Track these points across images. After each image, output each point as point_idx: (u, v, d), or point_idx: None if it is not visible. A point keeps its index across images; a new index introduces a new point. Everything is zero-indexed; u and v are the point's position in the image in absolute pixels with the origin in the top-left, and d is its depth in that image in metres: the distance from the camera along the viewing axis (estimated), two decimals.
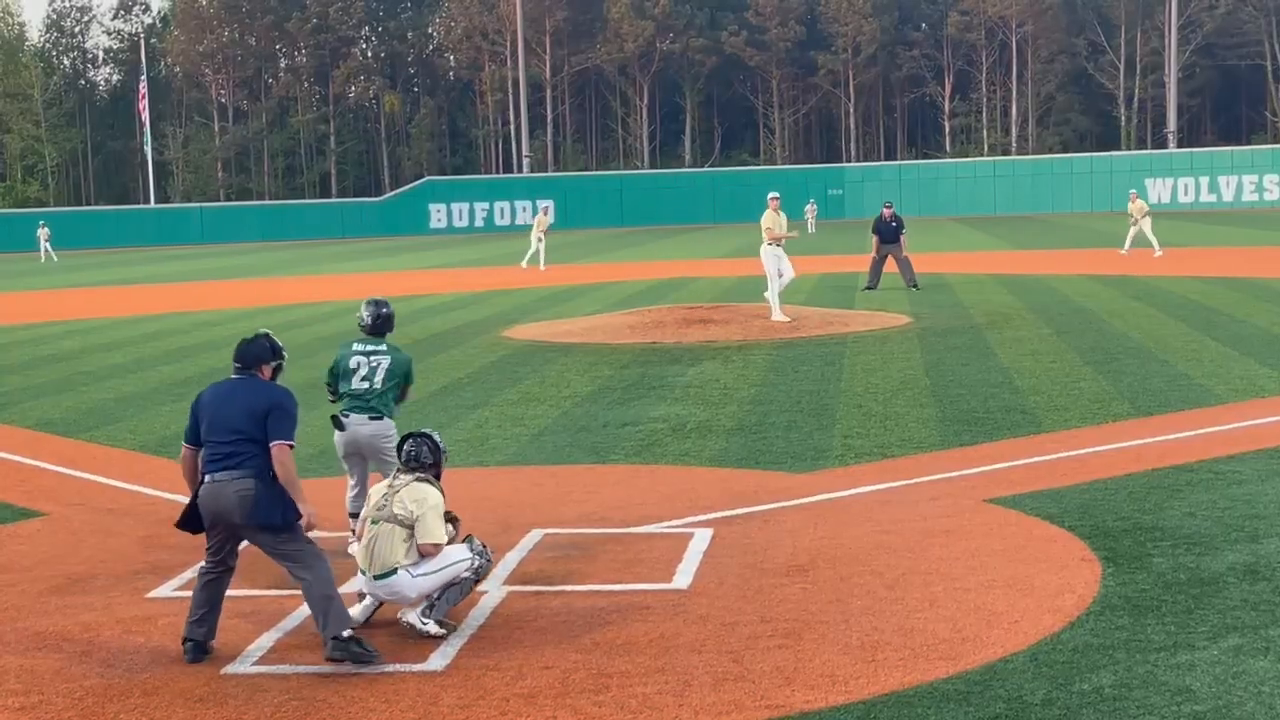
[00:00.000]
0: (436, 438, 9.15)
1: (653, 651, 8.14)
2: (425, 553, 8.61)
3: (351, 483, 10.69)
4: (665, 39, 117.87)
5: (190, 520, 8.41)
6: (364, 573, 8.73)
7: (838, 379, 18.84)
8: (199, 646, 8.25)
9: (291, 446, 8.24)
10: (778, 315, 25.05)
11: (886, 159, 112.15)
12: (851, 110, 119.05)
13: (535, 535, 10.94)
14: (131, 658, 8.35)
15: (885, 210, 34.08)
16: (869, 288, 32.58)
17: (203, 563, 8.48)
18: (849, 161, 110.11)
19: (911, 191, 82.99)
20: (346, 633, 8.05)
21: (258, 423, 8.22)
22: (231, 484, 8.17)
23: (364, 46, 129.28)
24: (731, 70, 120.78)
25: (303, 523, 8.29)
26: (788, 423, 15.65)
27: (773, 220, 26.10)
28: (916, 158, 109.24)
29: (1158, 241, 42.22)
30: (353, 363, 10.39)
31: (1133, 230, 42.76)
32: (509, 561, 10.22)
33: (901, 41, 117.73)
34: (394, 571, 8.58)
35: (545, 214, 52.49)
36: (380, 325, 10.54)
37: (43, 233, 67.03)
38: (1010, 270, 38.21)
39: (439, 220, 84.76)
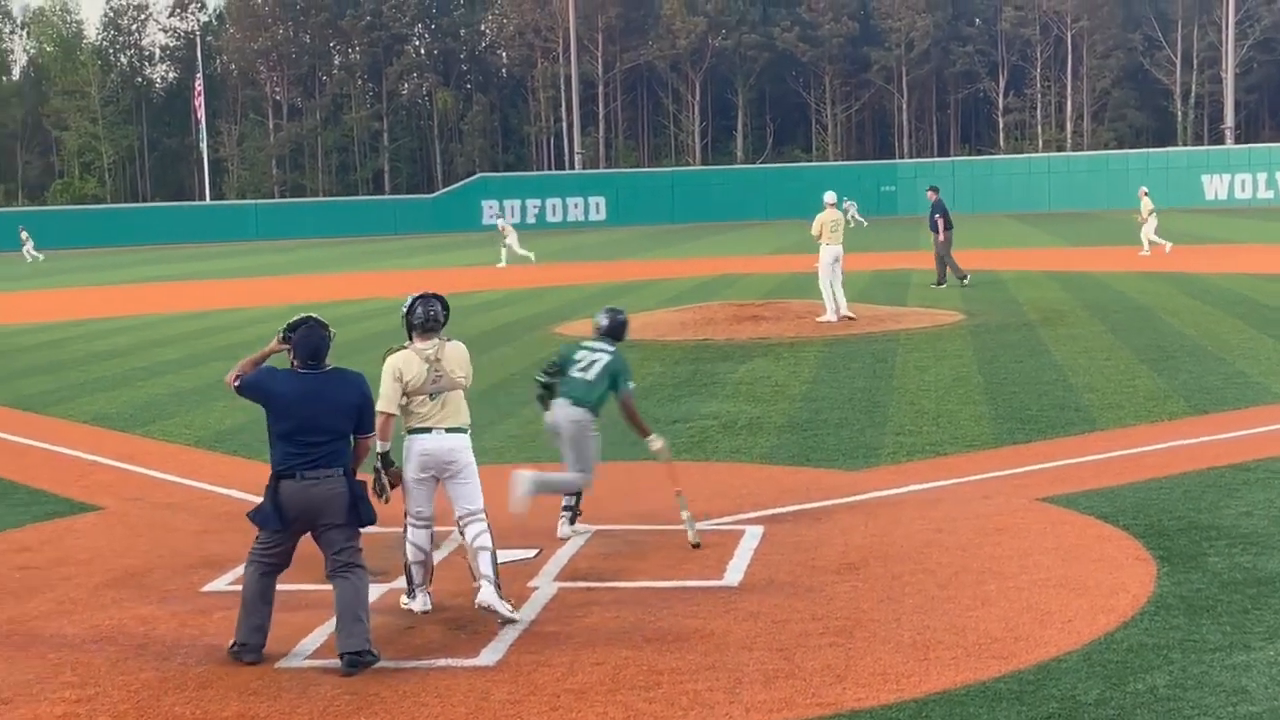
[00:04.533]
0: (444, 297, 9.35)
1: (704, 648, 8.13)
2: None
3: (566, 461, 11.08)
4: (717, 35, 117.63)
5: (269, 515, 8.28)
6: (428, 430, 8.97)
7: (890, 376, 18.77)
8: (253, 653, 8.18)
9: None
10: (844, 311, 24.94)
11: (940, 155, 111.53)
12: (904, 106, 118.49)
13: (586, 531, 10.97)
14: (186, 651, 8.43)
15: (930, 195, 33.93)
16: (962, 279, 32.26)
17: (258, 560, 8.37)
18: (902, 158, 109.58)
19: (965, 188, 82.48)
20: (360, 650, 7.99)
21: (350, 419, 8.34)
22: (325, 483, 8.18)
23: (417, 44, 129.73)
24: (784, 66, 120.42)
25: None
26: (839, 420, 15.60)
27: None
28: (970, 154, 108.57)
29: (1147, 243, 41.70)
30: (578, 355, 11.08)
31: (1148, 228, 42.12)
32: (560, 557, 10.25)
33: (955, 37, 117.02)
34: (466, 430, 9.11)
35: (505, 220, 53.37)
36: (614, 330, 11.32)
37: (24, 234, 67.02)
38: (1065, 267, 37.92)
39: (491, 216, 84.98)
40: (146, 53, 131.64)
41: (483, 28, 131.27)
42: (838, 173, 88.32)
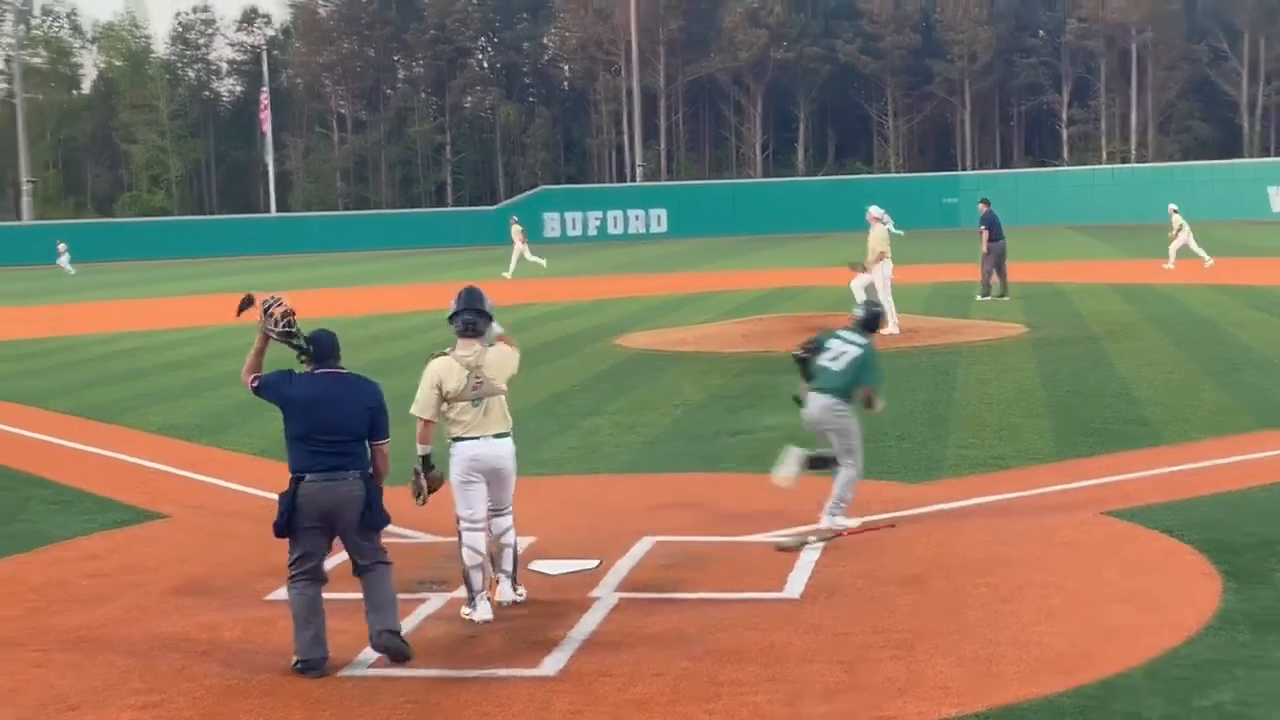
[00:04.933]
0: (487, 305, 9.29)
1: (764, 660, 8.12)
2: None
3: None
4: (779, 47, 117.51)
5: (283, 523, 8.39)
6: (475, 438, 9.07)
7: (952, 389, 18.67)
8: (317, 667, 8.17)
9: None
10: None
11: (1003, 167, 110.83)
12: (967, 118, 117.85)
13: (647, 543, 10.97)
14: (250, 658, 8.51)
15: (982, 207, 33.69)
16: (999, 295, 32.05)
17: (295, 576, 8.37)
18: (964, 170, 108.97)
19: (1028, 200, 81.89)
20: (394, 628, 8.26)
21: (365, 422, 8.44)
22: (343, 485, 8.32)
23: (480, 57, 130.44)
24: (845, 78, 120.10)
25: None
26: (901, 433, 15.54)
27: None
28: (1033, 166, 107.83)
29: (1173, 255, 41.15)
30: (830, 344, 11.58)
31: (1177, 244, 41.50)
32: (620, 569, 10.26)
33: (1018, 48, 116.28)
34: (510, 434, 9.25)
35: (519, 225, 53.32)
36: (869, 322, 11.78)
37: (62, 246, 67.53)
38: (1128, 279, 37.57)
39: (553, 229, 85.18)
40: (214, 67, 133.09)
41: (545, 41, 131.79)
42: (899, 185, 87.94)
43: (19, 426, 18.40)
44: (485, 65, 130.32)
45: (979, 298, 31.83)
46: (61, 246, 67.31)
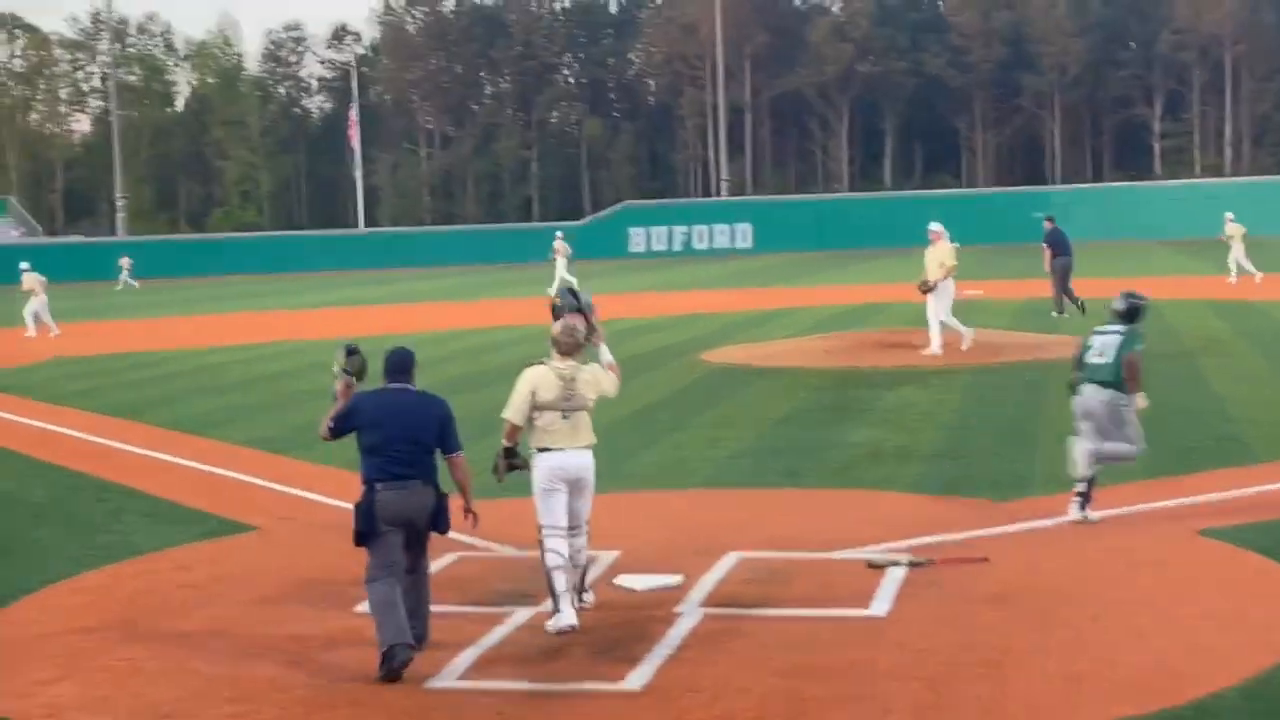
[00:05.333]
0: (579, 324, 9.66)
1: (850, 678, 8.08)
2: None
3: (1082, 430, 11.96)
4: (866, 61, 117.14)
5: (363, 529, 8.69)
6: (560, 449, 9.29)
7: (1040, 405, 18.47)
8: (399, 660, 8.35)
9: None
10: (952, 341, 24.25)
11: (1094, 181, 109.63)
12: (1057, 132, 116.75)
13: (731, 558, 10.94)
14: (338, 669, 8.58)
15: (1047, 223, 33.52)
16: (1057, 310, 31.71)
17: (374, 577, 8.63)
18: (1053, 184, 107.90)
19: (1119, 214, 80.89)
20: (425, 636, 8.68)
21: (434, 434, 8.84)
22: (414, 494, 8.70)
23: (566, 73, 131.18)
24: (933, 92, 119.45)
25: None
26: (989, 449, 15.40)
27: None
28: (1125, 180, 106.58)
29: (1235, 269, 40.48)
30: (1091, 342, 12.08)
31: (1232, 255, 40.93)
32: (705, 584, 10.24)
33: (1109, 61, 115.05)
34: (592, 446, 9.46)
35: (561, 240, 53.29)
36: (1130, 314, 12.15)
37: (124, 262, 68.24)
38: (1223, 295, 37.00)
39: (638, 244, 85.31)
40: (304, 84, 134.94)
41: (631, 56, 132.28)
42: (988, 199, 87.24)
43: (114, 439, 18.71)
44: (571, 81, 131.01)
45: (1054, 314, 31.41)
46: (124, 262, 68.16)
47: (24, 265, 40.24)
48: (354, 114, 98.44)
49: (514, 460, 9.57)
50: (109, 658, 8.98)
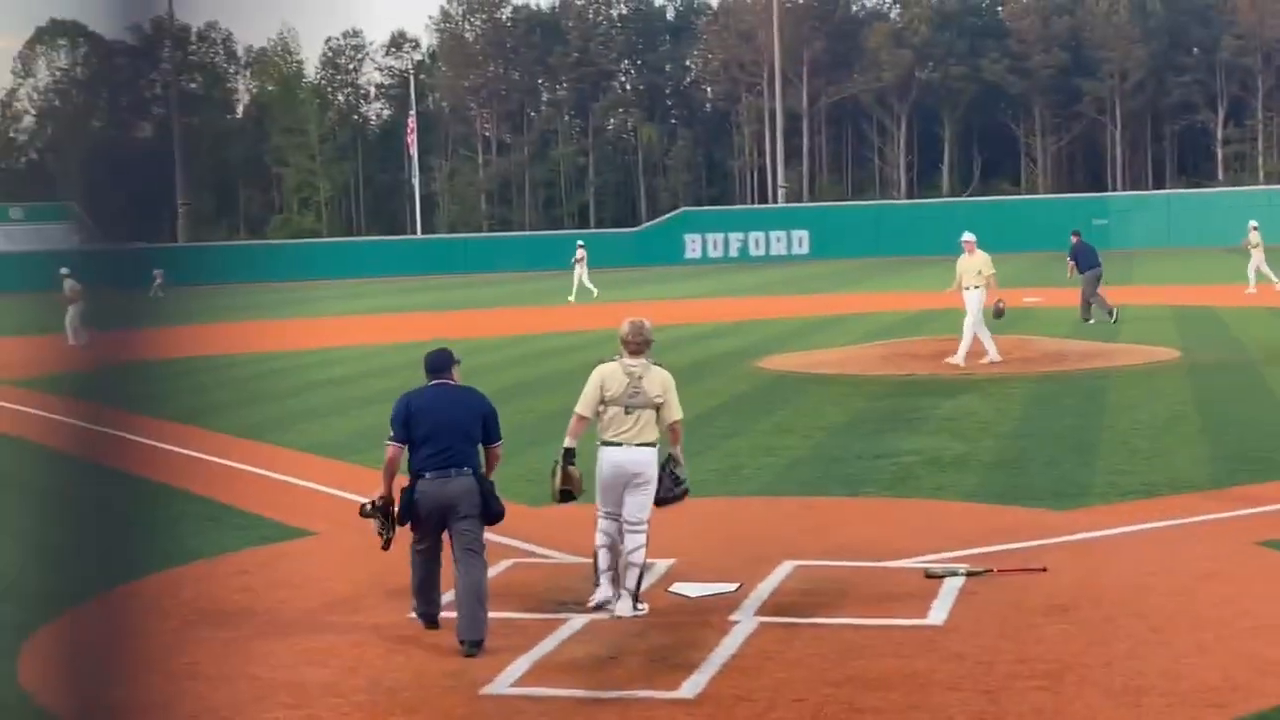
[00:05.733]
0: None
1: (906, 688, 8.02)
2: (675, 430, 9.91)
3: None
4: (924, 68, 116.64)
5: (405, 512, 9.39)
6: (621, 444, 9.69)
7: (1101, 414, 18.31)
8: (432, 619, 9.42)
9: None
10: (993, 354, 23.82)
11: (1155, 188, 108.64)
12: (1118, 138, 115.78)
13: (787, 566, 10.90)
14: (395, 675, 8.62)
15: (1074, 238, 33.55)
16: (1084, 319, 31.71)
17: (417, 553, 9.50)
18: (1114, 190, 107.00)
19: (1182, 221, 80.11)
20: (480, 639, 8.96)
21: (478, 426, 9.42)
22: (456, 480, 9.24)
23: (623, 79, 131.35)
24: (992, 98, 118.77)
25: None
26: (1048, 458, 15.28)
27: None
28: (1187, 186, 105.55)
29: (1253, 278, 40.03)
30: None
31: (1253, 262, 40.56)
32: (760, 592, 10.21)
33: (1171, 66, 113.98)
34: (654, 445, 9.80)
35: (582, 250, 53.46)
36: None
37: (157, 272, 68.56)
38: None
39: (694, 250, 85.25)
40: (363, 91, 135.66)
41: (688, 63, 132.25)
42: (1048, 205, 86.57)
43: (175, 444, 18.88)
44: (628, 87, 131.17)
45: (1090, 321, 31.37)
46: (157, 273, 68.54)
47: (64, 271, 38.70)
48: (412, 121, 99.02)
49: (571, 471, 9.90)
50: (168, 662, 9.04)
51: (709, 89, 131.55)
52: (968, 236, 25.04)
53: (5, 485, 16.01)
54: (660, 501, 9.95)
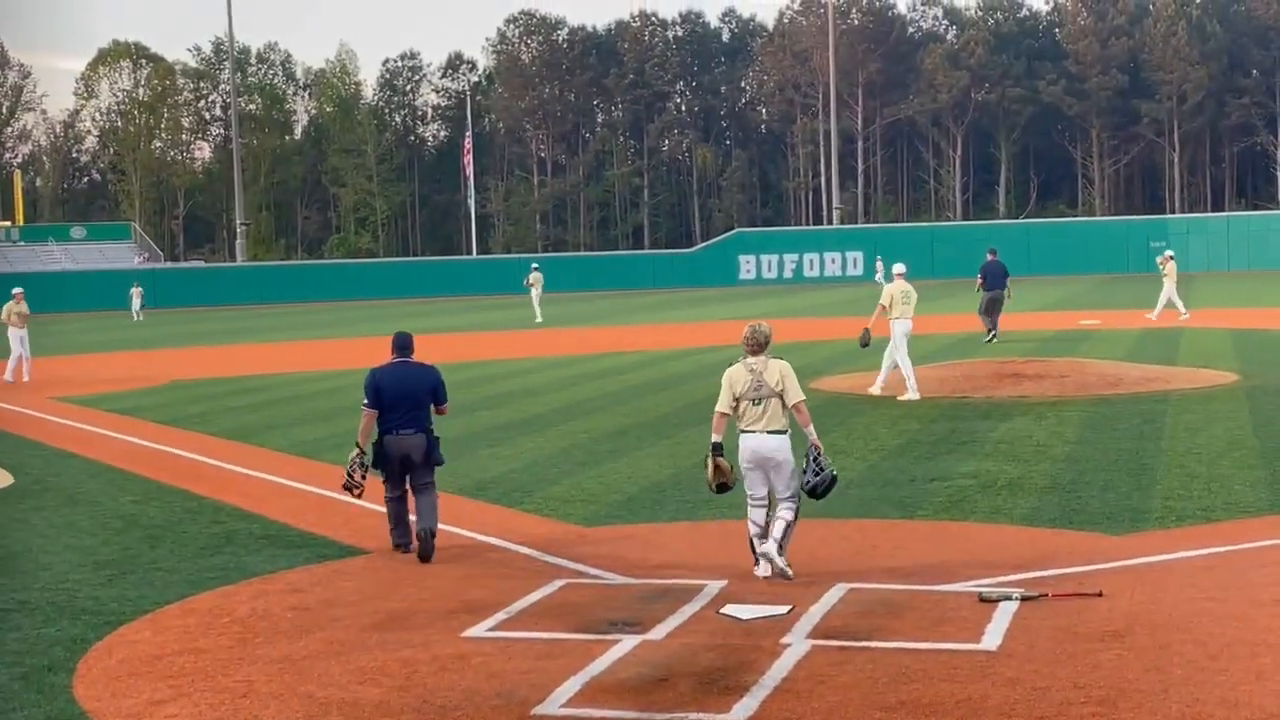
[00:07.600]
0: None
1: (960, 713, 7.96)
2: (800, 411, 11.32)
3: None
4: (980, 89, 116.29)
5: (379, 460, 12.57)
6: (753, 432, 11.16)
7: (1158, 438, 18.14)
8: (407, 547, 12.48)
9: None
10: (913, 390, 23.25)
11: (1214, 210, 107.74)
12: (1176, 160, 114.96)
13: (840, 589, 10.86)
14: (446, 694, 8.63)
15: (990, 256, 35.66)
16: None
17: (389, 499, 12.68)
18: (1173, 213, 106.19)
19: (1241, 244, 79.41)
20: (432, 528, 12.28)
21: (430, 394, 12.70)
22: (414, 436, 12.49)
23: (678, 101, 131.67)
24: (1048, 120, 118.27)
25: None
26: (1104, 482, 15.15)
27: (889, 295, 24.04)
28: (1246, 209, 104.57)
29: (1161, 305, 40.57)
30: None
31: (1165, 291, 40.74)
32: (813, 615, 10.16)
33: (1230, 88, 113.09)
34: (784, 430, 11.22)
35: (537, 272, 54.25)
36: None
37: (136, 291, 68.32)
38: None
39: (748, 271, 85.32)
40: (419, 112, 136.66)
41: (743, 84, 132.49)
42: (1105, 228, 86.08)
43: (230, 462, 19.03)
44: (683, 109, 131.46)
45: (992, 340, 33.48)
46: (134, 291, 68.32)
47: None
48: (468, 141, 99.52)
49: (720, 461, 11.22)
50: (222, 679, 9.10)
51: (764, 110, 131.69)
52: (899, 268, 25.00)
53: (68, 501, 16.17)
54: (811, 492, 11.26)
